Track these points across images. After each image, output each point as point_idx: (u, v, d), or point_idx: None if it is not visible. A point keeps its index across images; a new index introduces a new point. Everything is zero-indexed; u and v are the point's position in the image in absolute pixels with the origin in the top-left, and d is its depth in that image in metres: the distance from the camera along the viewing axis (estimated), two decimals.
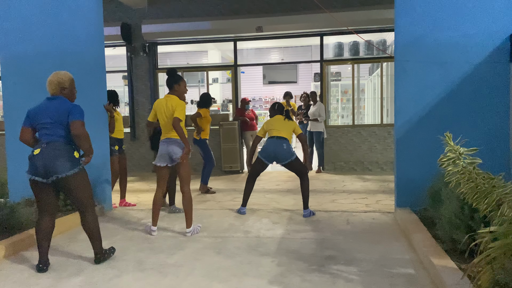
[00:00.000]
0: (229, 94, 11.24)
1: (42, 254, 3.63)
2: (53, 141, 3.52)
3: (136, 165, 9.77)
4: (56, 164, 3.47)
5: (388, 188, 6.99)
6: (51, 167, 3.47)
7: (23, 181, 5.30)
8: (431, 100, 4.96)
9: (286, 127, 5.40)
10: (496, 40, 4.79)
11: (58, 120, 3.53)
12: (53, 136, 3.53)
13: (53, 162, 3.46)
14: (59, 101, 3.61)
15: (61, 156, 3.49)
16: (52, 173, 3.48)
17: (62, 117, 3.52)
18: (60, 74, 3.69)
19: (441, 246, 3.56)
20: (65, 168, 3.49)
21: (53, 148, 3.49)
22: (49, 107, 3.58)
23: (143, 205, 6.12)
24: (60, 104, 3.59)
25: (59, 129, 3.54)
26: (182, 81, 4.69)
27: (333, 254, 3.88)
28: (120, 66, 10.27)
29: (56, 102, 3.61)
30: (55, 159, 3.47)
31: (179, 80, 4.66)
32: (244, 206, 5.49)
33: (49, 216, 3.66)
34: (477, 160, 2.85)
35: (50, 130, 3.54)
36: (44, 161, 3.46)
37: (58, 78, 3.67)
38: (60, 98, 3.64)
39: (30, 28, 5.57)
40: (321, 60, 9.35)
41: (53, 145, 3.51)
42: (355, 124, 9.34)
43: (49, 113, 3.55)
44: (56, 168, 3.47)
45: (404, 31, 4.98)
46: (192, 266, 3.66)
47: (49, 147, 3.50)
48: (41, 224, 3.64)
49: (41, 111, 3.59)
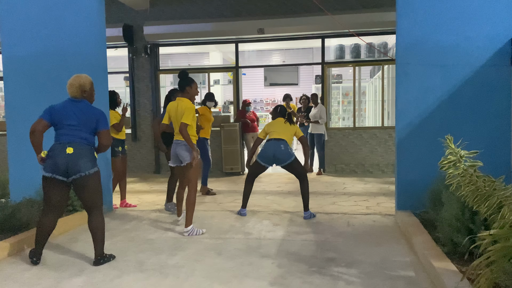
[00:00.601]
0: (230, 96, 11.27)
1: (37, 248, 3.75)
2: (75, 142, 3.62)
3: (137, 166, 9.78)
4: (79, 163, 3.58)
5: (388, 190, 6.99)
6: (74, 165, 3.57)
7: (24, 181, 5.36)
8: (432, 103, 4.97)
9: (287, 130, 5.41)
10: (497, 43, 4.80)
11: (84, 123, 3.65)
12: (76, 137, 3.63)
13: (77, 161, 3.57)
14: (85, 105, 3.73)
15: (85, 156, 3.61)
16: (75, 172, 3.58)
17: (89, 122, 3.66)
18: (81, 78, 3.79)
19: (441, 248, 3.56)
20: (88, 166, 3.61)
21: (76, 147, 3.59)
22: (76, 110, 3.68)
23: (144, 206, 6.13)
24: (87, 108, 3.71)
25: (83, 132, 3.65)
26: (194, 83, 4.78)
27: (333, 256, 3.89)
28: (122, 67, 10.29)
29: (82, 105, 3.71)
30: (79, 158, 3.58)
31: (191, 82, 4.75)
32: (244, 208, 5.50)
33: (54, 215, 3.74)
34: (477, 163, 2.86)
35: (73, 131, 3.63)
36: (68, 160, 3.56)
37: (79, 81, 3.76)
38: (85, 102, 3.75)
39: (32, 28, 5.59)
40: (323, 62, 9.36)
41: (76, 145, 3.61)
42: (356, 126, 9.34)
43: (76, 115, 3.65)
44: (80, 167, 3.58)
45: (405, 34, 4.99)
46: (193, 267, 3.67)
47: (72, 146, 3.59)
48: (44, 221, 3.71)
49: (66, 111, 3.67)
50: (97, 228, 3.74)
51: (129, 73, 9.89)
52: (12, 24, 5.61)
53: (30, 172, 5.38)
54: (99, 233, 3.76)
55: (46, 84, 5.58)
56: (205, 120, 6.88)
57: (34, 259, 3.74)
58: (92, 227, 3.75)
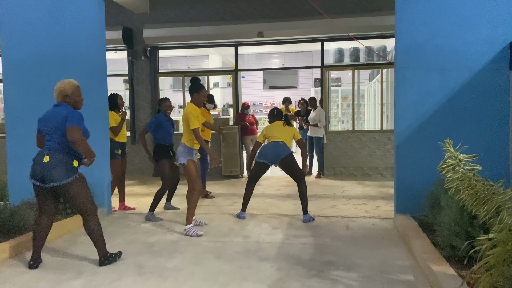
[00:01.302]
0: (230, 99, 11.27)
1: (35, 252, 3.77)
2: (53, 148, 3.65)
3: (136, 169, 9.78)
4: (52, 172, 3.59)
5: (387, 194, 6.99)
6: (48, 174, 3.60)
7: (23, 184, 5.33)
8: (431, 107, 4.98)
9: (286, 133, 5.42)
10: (496, 47, 4.82)
11: (57, 127, 3.64)
12: (53, 142, 3.66)
13: (50, 171, 3.59)
14: (61, 108, 3.72)
15: (58, 165, 3.61)
16: (48, 181, 3.61)
17: (61, 124, 3.63)
18: (63, 83, 3.79)
19: (440, 252, 3.56)
20: (61, 177, 3.61)
21: (52, 156, 3.61)
22: (52, 114, 3.71)
23: (143, 209, 6.12)
24: (61, 111, 3.69)
25: (58, 136, 3.65)
26: (202, 90, 4.87)
27: (332, 259, 3.88)
28: (121, 70, 10.30)
29: (58, 109, 3.72)
30: (52, 167, 3.59)
31: (199, 89, 4.84)
32: (243, 211, 5.50)
33: (47, 217, 3.80)
34: (476, 167, 2.86)
35: (51, 136, 3.67)
36: (43, 168, 3.60)
37: (60, 86, 3.77)
38: (62, 105, 3.74)
39: (32, 31, 5.60)
40: (322, 65, 9.39)
41: (52, 152, 3.63)
42: (355, 129, 9.35)
43: (51, 120, 3.68)
44: (53, 177, 3.60)
45: (404, 38, 5.01)
46: (192, 270, 3.66)
47: (49, 154, 3.62)
48: (38, 223, 3.78)
49: (46, 118, 3.74)
50: (91, 232, 3.78)
51: (129, 75, 9.90)
52: (12, 27, 5.62)
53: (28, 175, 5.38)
54: (95, 236, 3.79)
55: (46, 86, 5.56)
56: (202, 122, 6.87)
57: (31, 263, 3.76)
58: (88, 232, 3.80)
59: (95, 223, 3.79)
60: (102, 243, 3.81)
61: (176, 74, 10.62)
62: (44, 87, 5.58)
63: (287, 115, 5.67)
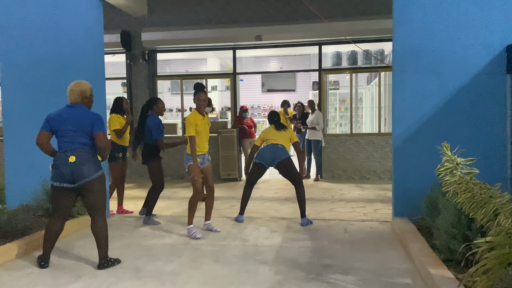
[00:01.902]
0: (228, 102, 11.28)
1: (45, 252, 3.84)
2: (76, 149, 3.68)
3: (134, 172, 9.76)
4: (83, 169, 3.65)
5: (385, 197, 7.00)
6: (78, 172, 3.65)
7: (21, 187, 5.34)
8: (428, 110, 5.00)
9: (283, 135, 5.42)
10: (493, 51, 4.85)
11: (81, 128, 3.70)
12: (75, 144, 3.70)
13: (81, 167, 3.65)
14: (82, 110, 3.78)
15: (87, 161, 3.69)
16: (80, 178, 3.66)
17: (86, 126, 3.70)
18: (82, 84, 3.86)
19: (438, 255, 3.56)
20: (91, 171, 3.69)
21: (78, 155, 3.66)
22: (72, 115, 3.73)
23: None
24: (83, 113, 3.76)
25: (82, 137, 3.71)
26: (199, 94, 4.79)
27: (330, 263, 3.88)
28: (120, 73, 10.30)
29: (79, 111, 3.77)
30: (82, 164, 3.65)
31: (196, 93, 4.81)
32: (241, 214, 5.49)
33: (61, 220, 3.86)
34: (474, 170, 2.87)
35: (72, 138, 3.70)
36: (72, 167, 3.64)
37: (80, 87, 3.83)
38: (82, 107, 3.80)
39: (30, 34, 5.59)
40: (320, 69, 9.41)
41: (77, 152, 3.67)
42: (353, 132, 9.37)
43: (72, 121, 3.71)
44: (84, 173, 3.66)
45: (402, 41, 5.03)
46: (190, 274, 3.66)
47: (74, 154, 3.66)
48: (52, 225, 3.82)
49: (63, 118, 3.73)
50: (99, 232, 3.81)
51: (127, 79, 9.90)
52: (11, 30, 5.61)
53: (26, 178, 5.37)
54: (101, 237, 3.82)
55: (44, 90, 5.58)
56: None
57: (42, 263, 3.82)
58: (94, 231, 3.82)
59: (104, 223, 3.85)
60: (105, 245, 3.84)
61: (174, 77, 10.63)
62: (42, 90, 5.58)
63: (278, 120, 5.61)
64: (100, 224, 3.81)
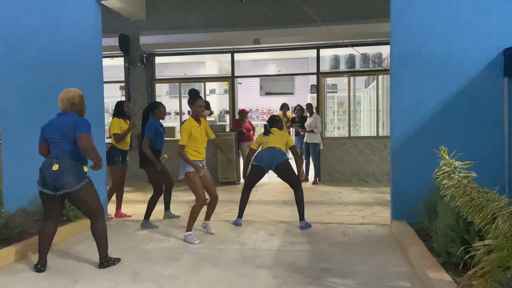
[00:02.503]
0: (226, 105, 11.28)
1: (41, 256, 3.88)
2: (61, 156, 3.73)
3: (132, 175, 9.74)
4: (64, 179, 3.68)
5: (384, 200, 7.00)
6: (59, 182, 3.69)
7: (19, 191, 5.33)
8: (426, 113, 5.01)
9: (279, 139, 5.42)
10: (490, 54, 4.86)
11: (66, 134, 3.73)
12: (61, 150, 3.75)
13: (61, 178, 3.68)
14: (68, 116, 3.82)
15: (68, 172, 3.70)
16: (60, 188, 3.70)
17: (70, 132, 3.72)
18: (70, 91, 3.92)
19: (436, 259, 3.57)
20: (73, 183, 3.71)
21: (62, 164, 3.70)
22: (58, 123, 3.80)
23: (139, 216, 6.09)
24: (68, 118, 3.79)
25: (67, 144, 3.75)
26: (197, 101, 4.79)
27: (329, 266, 3.88)
28: (118, 76, 10.29)
29: (65, 117, 3.82)
30: (63, 175, 3.68)
31: (193, 101, 4.80)
32: (240, 217, 5.48)
33: (53, 223, 3.91)
34: (472, 174, 2.87)
35: (58, 144, 3.76)
36: (54, 176, 3.68)
37: (68, 94, 3.89)
38: (69, 114, 3.84)
39: (28, 38, 5.60)
40: (318, 72, 9.43)
41: (61, 160, 3.71)
42: (351, 135, 9.38)
43: (58, 128, 3.77)
44: (64, 184, 3.69)
45: (399, 45, 5.05)
46: (188, 278, 3.65)
47: (59, 162, 3.70)
48: (45, 228, 3.88)
49: (51, 126, 3.82)
50: (97, 233, 3.88)
51: (125, 82, 9.91)
52: (9, 33, 5.61)
53: (24, 182, 5.36)
54: (99, 237, 3.88)
55: (42, 94, 5.58)
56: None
57: (39, 267, 3.85)
58: (93, 233, 3.90)
59: (102, 225, 3.89)
60: (105, 245, 3.90)
61: (173, 80, 10.64)
62: (40, 94, 5.58)
63: (266, 125, 5.61)
64: (98, 226, 3.87)
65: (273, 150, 5.34)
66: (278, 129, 5.55)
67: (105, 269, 3.87)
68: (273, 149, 5.35)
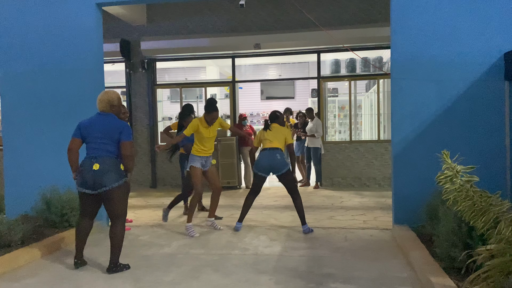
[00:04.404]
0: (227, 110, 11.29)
1: (78, 251, 4.04)
2: (102, 156, 3.82)
3: (133, 180, 9.73)
4: (104, 178, 3.77)
5: (385, 204, 6.98)
6: (99, 181, 3.77)
7: (20, 197, 5.33)
8: (427, 118, 5.01)
9: (278, 136, 5.38)
10: (491, 58, 4.87)
11: (108, 136, 3.83)
12: (102, 151, 3.83)
13: (102, 176, 3.77)
14: (111, 118, 3.92)
15: (110, 170, 3.80)
16: (100, 186, 3.79)
17: (113, 134, 3.83)
18: (109, 92, 4.03)
19: (439, 263, 3.55)
20: (112, 180, 3.79)
21: (103, 163, 3.79)
22: (101, 123, 3.88)
23: (140, 221, 6.09)
24: (112, 121, 3.89)
25: (108, 145, 3.84)
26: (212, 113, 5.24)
27: (331, 271, 3.86)
28: (119, 82, 10.31)
29: (108, 118, 3.91)
30: (104, 173, 3.78)
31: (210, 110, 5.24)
32: (240, 222, 5.45)
33: (89, 219, 4.06)
34: (474, 178, 2.87)
35: (99, 144, 3.84)
36: (94, 176, 3.77)
37: (108, 96, 3.98)
38: (111, 115, 3.94)
39: (30, 44, 5.62)
40: (318, 76, 9.44)
41: (102, 159, 3.80)
42: (352, 140, 9.37)
43: (101, 128, 3.85)
44: (105, 182, 3.78)
45: (400, 50, 5.05)
46: (189, 284, 3.63)
47: (98, 162, 3.79)
48: (81, 225, 4.04)
49: (92, 125, 3.89)
50: (115, 236, 3.92)
51: (126, 87, 9.92)
52: (10, 39, 5.64)
53: (25, 188, 5.37)
54: (116, 241, 3.92)
55: (43, 99, 5.60)
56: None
57: (75, 260, 4.02)
58: (111, 235, 3.94)
59: (121, 230, 3.95)
60: (118, 250, 3.94)
61: (174, 85, 10.66)
62: (41, 99, 5.60)
63: (266, 121, 5.60)
64: (118, 229, 3.93)
65: (274, 157, 5.28)
66: (279, 124, 5.51)
67: (107, 275, 3.85)
68: (273, 154, 5.29)
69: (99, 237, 5.01)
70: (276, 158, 5.28)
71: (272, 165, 5.28)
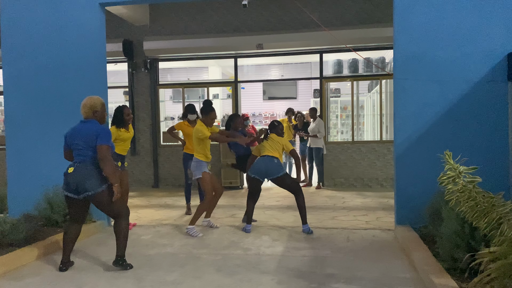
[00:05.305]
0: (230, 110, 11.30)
1: (64, 256, 4.03)
2: (83, 161, 3.86)
3: (136, 180, 9.76)
4: (86, 182, 3.79)
5: (388, 205, 6.97)
6: (81, 185, 3.79)
7: (23, 196, 5.34)
8: (430, 118, 5.00)
9: (275, 146, 5.41)
10: (494, 59, 4.85)
11: (88, 142, 3.85)
12: (84, 156, 3.87)
13: (84, 181, 3.79)
14: (91, 125, 3.94)
15: (91, 175, 3.81)
16: (83, 191, 3.80)
17: (91, 140, 3.84)
18: (93, 99, 4.04)
19: (441, 264, 3.54)
20: (94, 186, 3.80)
21: (84, 168, 3.82)
22: (82, 130, 3.93)
23: (142, 221, 6.10)
24: (91, 127, 3.92)
25: (89, 151, 3.87)
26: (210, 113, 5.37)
27: (333, 272, 3.86)
28: (122, 81, 10.34)
29: (88, 125, 3.94)
30: (85, 178, 3.80)
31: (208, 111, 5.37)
32: (249, 224, 5.44)
33: (77, 224, 4.07)
34: (476, 178, 2.86)
35: (81, 151, 3.88)
36: (76, 180, 3.81)
37: (91, 102, 4.01)
38: (91, 122, 3.97)
39: (33, 44, 5.64)
40: (321, 77, 9.43)
41: (83, 165, 3.84)
42: (354, 140, 9.36)
43: (81, 135, 3.89)
44: (86, 186, 3.79)
45: (403, 50, 5.05)
46: (192, 284, 3.64)
47: (80, 166, 3.83)
48: (69, 229, 4.05)
49: (74, 133, 3.94)
50: (118, 232, 3.98)
51: (129, 87, 9.94)
52: (13, 39, 5.66)
53: (28, 187, 5.38)
54: (121, 235, 3.98)
55: (46, 99, 5.62)
56: (185, 136, 6.46)
57: (61, 266, 4.00)
58: (115, 228, 4.02)
59: (125, 223, 4.01)
60: (124, 244, 3.99)
61: (176, 85, 10.67)
62: (44, 99, 5.61)
63: (267, 130, 5.68)
64: (122, 225, 3.98)
65: (270, 161, 5.31)
66: (276, 134, 5.53)
67: (109, 275, 3.86)
68: (270, 160, 5.32)
69: (101, 237, 5.02)
70: (273, 162, 5.32)
71: (268, 168, 5.29)
